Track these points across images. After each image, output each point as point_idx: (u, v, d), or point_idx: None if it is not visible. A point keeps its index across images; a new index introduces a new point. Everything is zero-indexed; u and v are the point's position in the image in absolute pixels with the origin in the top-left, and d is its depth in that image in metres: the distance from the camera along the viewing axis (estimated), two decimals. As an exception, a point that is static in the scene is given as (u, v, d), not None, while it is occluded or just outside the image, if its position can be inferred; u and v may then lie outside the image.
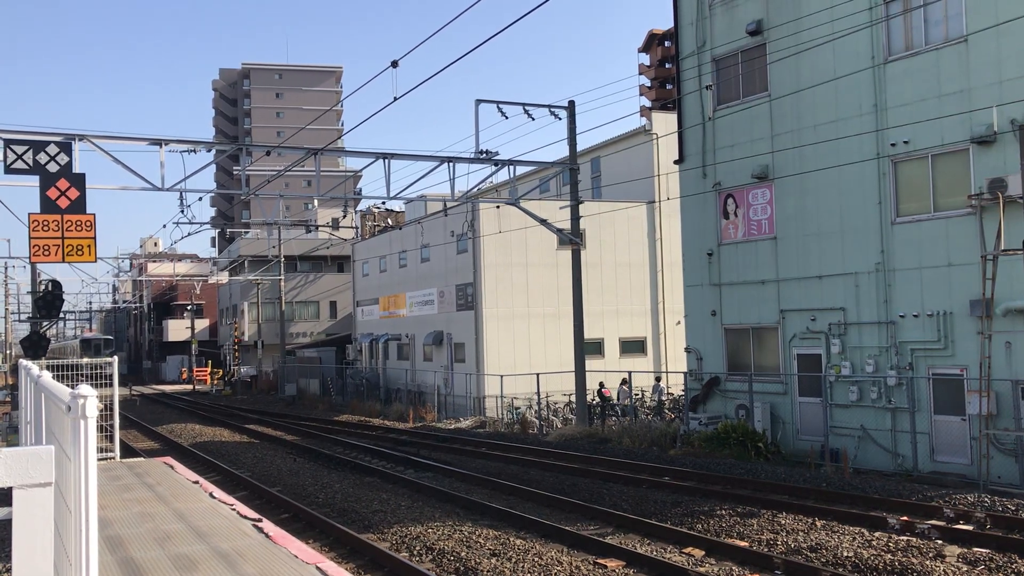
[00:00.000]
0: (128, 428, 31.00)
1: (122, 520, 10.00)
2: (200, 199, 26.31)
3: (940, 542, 11.89)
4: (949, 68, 17.96)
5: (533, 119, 25.43)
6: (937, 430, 18.20)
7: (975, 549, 11.44)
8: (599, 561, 11.21)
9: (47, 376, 6.51)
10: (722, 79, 23.19)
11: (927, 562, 10.57)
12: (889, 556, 10.89)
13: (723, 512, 13.97)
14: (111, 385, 15.28)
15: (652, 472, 18.18)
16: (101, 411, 14.60)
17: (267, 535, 9.21)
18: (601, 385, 29.80)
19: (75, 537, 3.09)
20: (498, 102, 24.65)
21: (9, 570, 2.88)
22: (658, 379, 30.46)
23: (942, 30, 18.26)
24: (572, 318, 26.74)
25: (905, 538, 12.06)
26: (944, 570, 10.27)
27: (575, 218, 26.40)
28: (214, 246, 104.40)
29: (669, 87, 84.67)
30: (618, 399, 29.12)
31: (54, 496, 2.85)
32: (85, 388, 3.19)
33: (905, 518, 13.01)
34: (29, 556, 2.76)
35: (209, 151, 22.36)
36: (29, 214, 17.60)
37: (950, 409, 17.93)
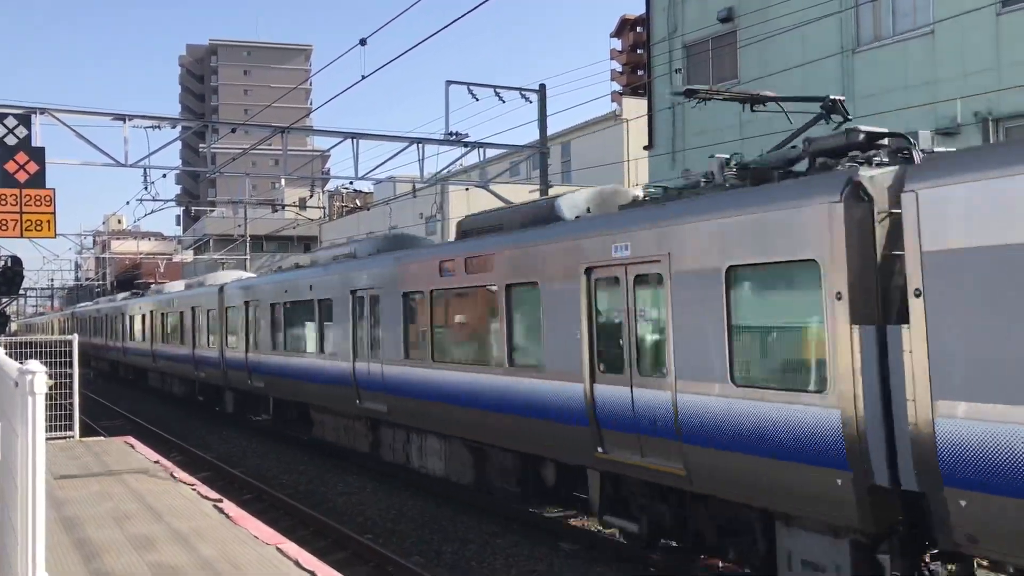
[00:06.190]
0: (90, 406, 30.56)
1: (79, 500, 9.87)
2: (164, 176, 25.86)
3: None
4: (916, 59, 18.12)
5: (504, 102, 25.23)
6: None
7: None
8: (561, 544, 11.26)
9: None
10: (693, 65, 23.23)
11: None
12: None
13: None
14: (72, 363, 15.06)
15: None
16: (58, 390, 14.36)
17: (227, 515, 9.13)
18: None
19: (22, 516, 3.02)
20: (469, 84, 24.44)
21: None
22: None
23: (911, 21, 18.41)
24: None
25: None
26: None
27: (544, 202, 26.32)
28: (179, 224, 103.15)
29: (641, 73, 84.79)
30: None
31: (-1, 474, 2.78)
32: (34, 364, 3.12)
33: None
34: (-28, 535, 2.69)
35: (174, 128, 22.01)
36: (-14, 188, 17.20)
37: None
